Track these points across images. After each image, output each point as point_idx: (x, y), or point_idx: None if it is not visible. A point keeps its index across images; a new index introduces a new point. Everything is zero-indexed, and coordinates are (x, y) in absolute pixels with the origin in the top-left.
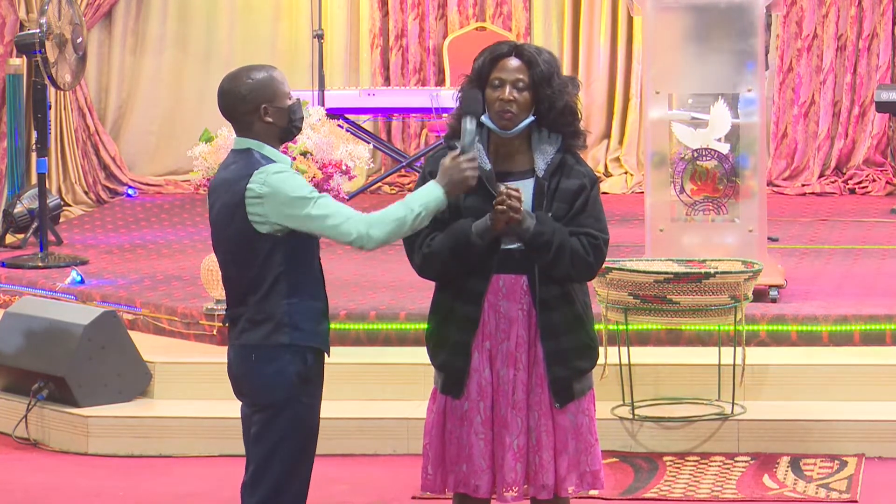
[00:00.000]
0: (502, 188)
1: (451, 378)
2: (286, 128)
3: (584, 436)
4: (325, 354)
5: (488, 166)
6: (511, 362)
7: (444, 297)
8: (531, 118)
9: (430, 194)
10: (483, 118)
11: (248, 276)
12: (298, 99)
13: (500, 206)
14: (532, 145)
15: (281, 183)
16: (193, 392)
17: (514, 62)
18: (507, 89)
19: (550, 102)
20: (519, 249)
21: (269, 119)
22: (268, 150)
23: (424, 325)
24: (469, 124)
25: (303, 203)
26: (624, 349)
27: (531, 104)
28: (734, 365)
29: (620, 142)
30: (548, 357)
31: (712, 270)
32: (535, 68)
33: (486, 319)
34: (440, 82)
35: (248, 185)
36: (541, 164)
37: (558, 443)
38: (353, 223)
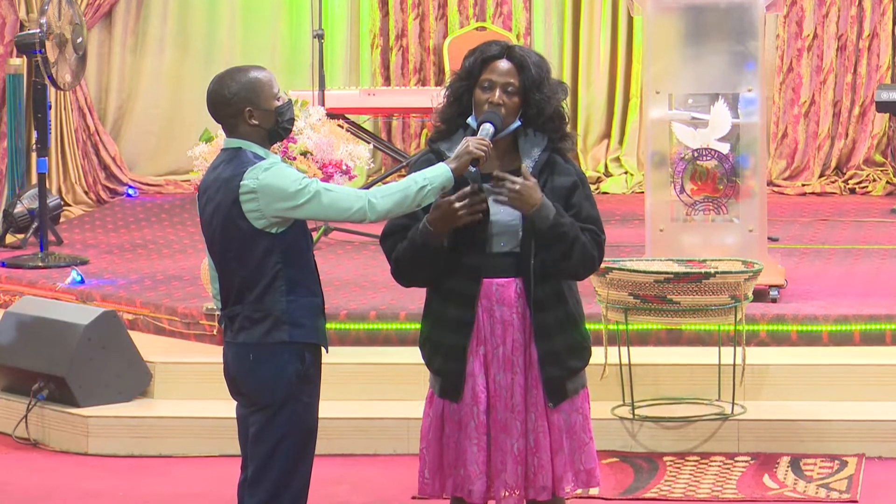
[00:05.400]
0: (495, 176)
1: (449, 382)
2: (273, 129)
3: (578, 434)
4: (324, 351)
5: (473, 169)
6: (508, 366)
7: (436, 300)
8: (518, 123)
9: (437, 169)
10: (469, 120)
11: (246, 273)
12: (290, 100)
13: (502, 196)
14: (519, 145)
15: (273, 177)
16: (193, 392)
17: (505, 65)
18: (497, 93)
19: (539, 108)
20: (512, 252)
21: (255, 122)
22: (257, 149)
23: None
24: (489, 127)
25: (297, 192)
26: (624, 349)
27: (519, 108)
28: (734, 365)
29: (621, 142)
30: (541, 357)
31: (712, 270)
32: (525, 72)
33: (481, 324)
34: (440, 82)
35: (242, 182)
36: (528, 163)
37: (553, 443)
38: (351, 198)
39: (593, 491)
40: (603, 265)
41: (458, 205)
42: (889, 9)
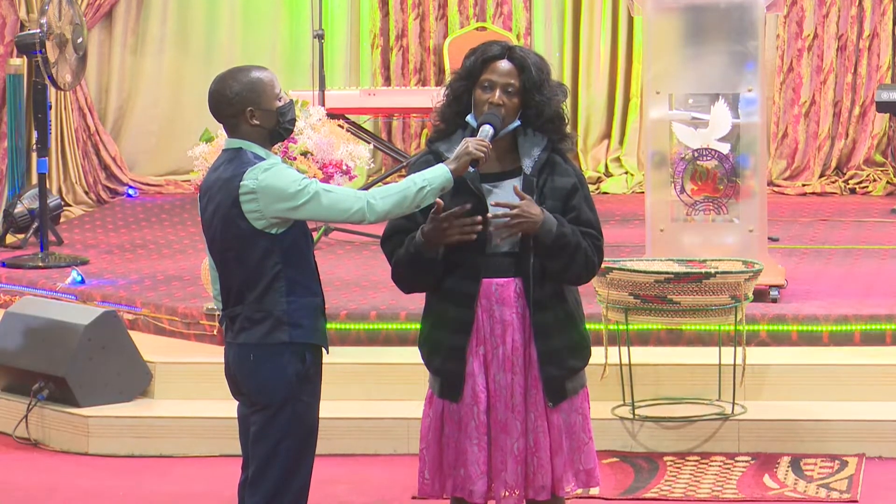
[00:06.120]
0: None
1: (448, 382)
2: (274, 130)
3: (578, 434)
4: (324, 351)
5: (473, 170)
6: (507, 366)
7: (436, 300)
8: (517, 123)
9: (436, 171)
10: (469, 118)
11: (246, 274)
12: (292, 100)
13: (513, 229)
14: (518, 144)
15: (273, 177)
16: (193, 392)
17: (505, 65)
18: (498, 93)
19: (539, 109)
20: (511, 252)
21: (256, 122)
22: (258, 149)
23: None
24: (489, 129)
25: (297, 192)
26: (624, 349)
27: (519, 109)
28: (734, 365)
29: (621, 142)
30: (541, 357)
31: (713, 270)
32: (526, 73)
33: (481, 324)
34: (440, 82)
35: (242, 183)
36: (528, 162)
37: (553, 442)
38: (350, 199)
39: (593, 491)
40: (603, 265)
41: (448, 227)
42: (889, 9)
